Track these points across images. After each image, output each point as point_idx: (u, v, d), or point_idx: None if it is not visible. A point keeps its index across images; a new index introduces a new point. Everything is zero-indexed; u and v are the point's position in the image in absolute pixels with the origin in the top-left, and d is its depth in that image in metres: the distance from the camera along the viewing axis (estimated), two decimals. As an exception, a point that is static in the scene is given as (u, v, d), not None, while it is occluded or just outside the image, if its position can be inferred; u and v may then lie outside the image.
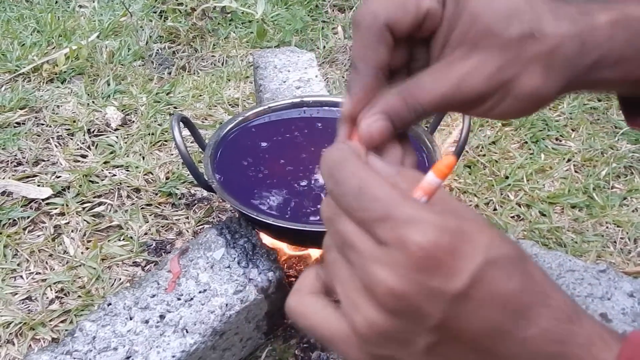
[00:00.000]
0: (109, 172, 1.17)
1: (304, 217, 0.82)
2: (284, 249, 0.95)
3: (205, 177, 0.85)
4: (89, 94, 1.40)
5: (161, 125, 1.31)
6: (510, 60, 0.37)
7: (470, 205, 1.10)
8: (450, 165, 0.32)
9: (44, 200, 1.10)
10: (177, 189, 1.13)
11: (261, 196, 0.85)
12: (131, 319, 0.74)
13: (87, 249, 1.01)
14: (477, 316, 0.30)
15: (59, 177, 1.16)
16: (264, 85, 1.22)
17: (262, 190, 0.86)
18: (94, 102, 1.38)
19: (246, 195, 0.84)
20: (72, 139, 1.27)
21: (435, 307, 0.30)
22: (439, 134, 1.26)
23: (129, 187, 1.13)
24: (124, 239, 1.02)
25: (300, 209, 0.83)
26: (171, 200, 1.11)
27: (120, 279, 0.95)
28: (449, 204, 0.33)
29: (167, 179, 1.16)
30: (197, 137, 0.94)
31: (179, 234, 1.04)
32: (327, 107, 1.00)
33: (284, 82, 1.22)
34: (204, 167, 0.87)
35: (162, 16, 1.75)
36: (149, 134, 1.27)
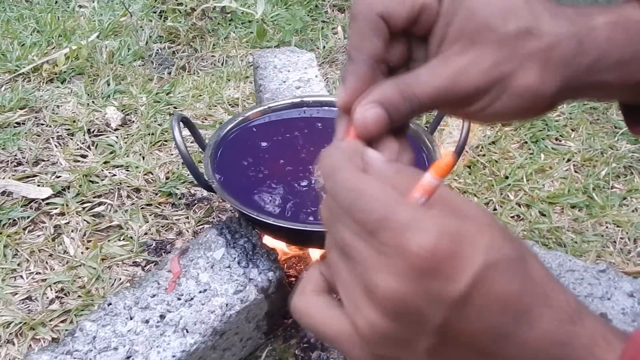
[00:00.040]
0: (109, 172, 1.17)
1: (304, 217, 0.82)
2: (284, 248, 0.95)
3: (205, 177, 0.85)
4: (88, 94, 1.40)
5: (161, 125, 1.31)
6: (506, 56, 0.37)
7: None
8: (449, 164, 0.32)
9: (44, 200, 1.10)
10: (177, 189, 1.13)
11: (261, 196, 0.85)
12: (131, 319, 0.74)
13: (87, 249, 1.01)
14: (478, 319, 0.30)
15: (59, 177, 1.16)
16: (264, 85, 1.22)
17: (262, 190, 0.86)
18: (94, 102, 1.38)
19: (246, 195, 0.84)
20: (72, 139, 1.27)
21: (435, 311, 0.30)
22: (439, 134, 1.26)
23: (129, 187, 1.13)
24: (124, 239, 1.02)
25: (300, 209, 0.83)
26: (171, 200, 1.11)
27: (120, 279, 0.95)
28: (450, 203, 0.33)
29: (167, 179, 1.16)
30: (197, 137, 0.94)
31: (179, 234, 1.04)
32: (327, 107, 1.01)
33: (284, 82, 1.22)
34: (204, 167, 0.87)
35: (162, 16, 1.75)
36: (149, 134, 1.27)
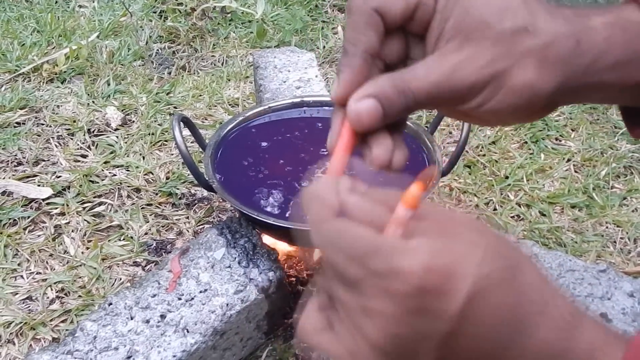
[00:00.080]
0: (109, 172, 1.17)
1: (304, 216, 0.82)
2: (284, 248, 0.95)
3: (205, 177, 0.85)
4: (89, 94, 1.40)
5: (161, 125, 1.31)
6: (503, 52, 0.37)
7: (470, 205, 1.10)
8: (417, 195, 0.33)
9: (44, 200, 1.10)
10: (178, 189, 1.13)
11: (261, 196, 0.85)
12: (132, 319, 0.74)
13: (88, 248, 1.01)
14: (476, 333, 0.31)
15: (59, 177, 1.16)
16: (264, 85, 1.22)
17: (263, 190, 0.86)
18: (94, 102, 1.38)
19: (246, 195, 0.85)
20: (72, 139, 1.27)
21: (433, 329, 0.31)
22: (439, 134, 1.26)
23: (129, 187, 1.13)
24: (124, 239, 1.02)
25: (300, 209, 0.83)
26: (171, 200, 1.11)
27: (120, 279, 0.95)
28: (438, 222, 0.34)
29: (168, 178, 1.16)
30: (198, 137, 0.94)
31: (180, 233, 1.04)
32: (327, 107, 1.01)
33: (284, 82, 1.22)
34: (204, 167, 0.87)
35: (162, 16, 1.75)
36: (149, 134, 1.27)
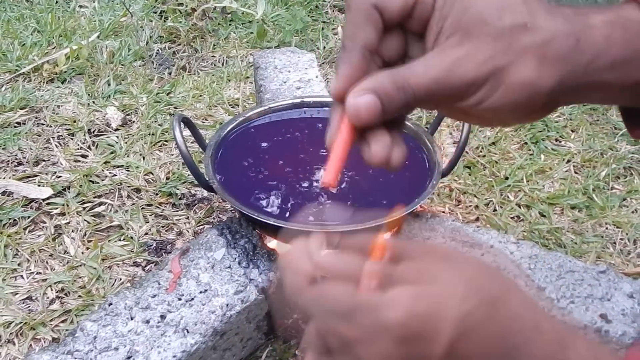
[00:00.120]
0: (110, 172, 1.17)
1: (304, 217, 0.82)
2: (284, 248, 0.95)
3: (205, 177, 0.85)
4: (89, 94, 1.41)
5: (161, 125, 1.31)
6: (502, 49, 0.37)
7: (469, 206, 1.10)
8: (383, 245, 0.35)
9: (44, 200, 1.10)
10: (178, 189, 1.13)
11: (262, 196, 0.85)
12: (132, 319, 0.74)
13: (88, 249, 1.01)
14: None
15: (60, 177, 1.16)
16: (265, 85, 1.22)
17: (263, 190, 0.86)
18: (94, 102, 1.38)
19: (247, 195, 0.85)
20: (72, 139, 1.27)
21: None
22: (439, 134, 1.27)
23: (129, 187, 1.13)
24: (124, 239, 1.02)
25: (300, 209, 0.83)
26: (171, 200, 1.11)
27: (120, 279, 0.95)
28: (413, 263, 0.35)
29: (168, 179, 1.16)
30: (198, 138, 0.95)
31: (180, 234, 1.04)
32: (327, 108, 1.01)
33: (285, 82, 1.22)
34: (204, 167, 0.87)
35: (163, 16, 1.75)
36: (150, 134, 1.27)
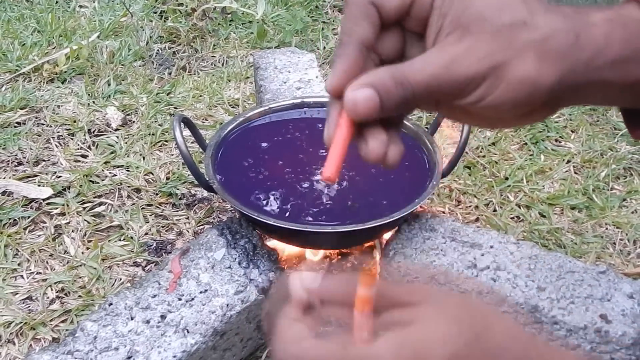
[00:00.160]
0: (110, 172, 1.17)
1: (304, 217, 0.82)
2: (284, 249, 0.95)
3: (206, 178, 0.86)
4: (89, 94, 1.41)
5: (162, 125, 1.31)
6: (501, 46, 0.37)
7: (469, 206, 1.10)
8: (366, 297, 0.36)
9: (44, 200, 1.10)
10: (178, 189, 1.13)
11: (262, 196, 0.85)
12: (132, 319, 0.74)
13: (88, 249, 1.01)
14: None
15: (60, 177, 1.16)
16: (265, 85, 1.22)
17: (263, 190, 0.86)
18: (94, 102, 1.38)
19: (247, 195, 0.85)
20: (72, 139, 1.27)
21: None
22: (439, 134, 1.26)
23: (129, 187, 1.14)
24: (124, 239, 1.02)
25: (300, 210, 0.83)
26: (172, 200, 1.11)
27: (120, 279, 0.95)
28: (397, 309, 0.36)
29: (168, 179, 1.16)
30: (198, 138, 0.95)
31: (180, 234, 1.04)
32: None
33: (285, 82, 1.22)
34: (204, 168, 0.87)
35: (163, 16, 1.75)
36: (150, 134, 1.27)
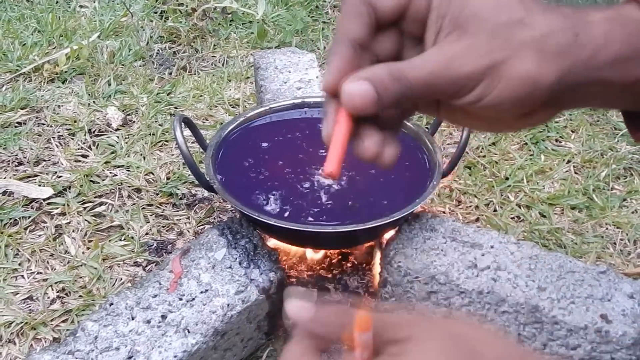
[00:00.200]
0: (110, 172, 1.17)
1: (304, 217, 0.82)
2: (285, 249, 0.95)
3: (206, 178, 0.86)
4: (89, 94, 1.41)
5: (162, 125, 1.31)
6: (500, 44, 0.38)
7: (470, 206, 1.10)
8: (365, 341, 0.36)
9: (45, 200, 1.10)
10: (178, 189, 1.13)
11: (262, 196, 0.85)
12: (133, 319, 0.74)
13: (88, 248, 1.01)
14: None
15: (60, 177, 1.16)
16: (265, 85, 1.22)
17: (263, 190, 0.86)
18: (94, 102, 1.38)
19: (247, 195, 0.85)
20: (73, 139, 1.27)
21: None
22: (439, 134, 1.27)
23: (129, 187, 1.14)
24: (125, 239, 1.03)
25: (301, 210, 0.83)
26: (172, 200, 1.11)
27: (121, 279, 0.95)
28: (391, 344, 0.37)
29: (168, 179, 1.16)
30: (199, 138, 0.95)
31: (180, 234, 1.05)
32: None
33: (285, 82, 1.22)
34: (205, 168, 0.87)
35: (163, 16, 1.75)
36: (150, 134, 1.27)
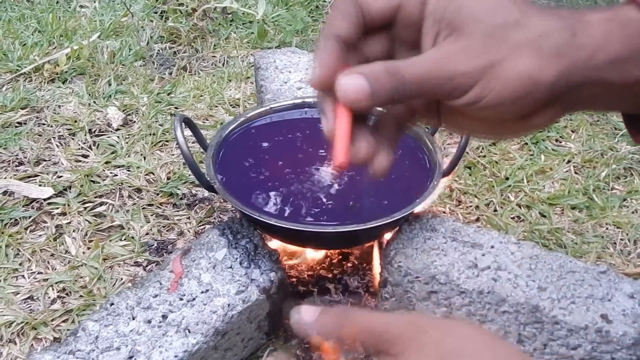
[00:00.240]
0: (111, 172, 1.18)
1: (305, 217, 0.82)
2: (285, 249, 0.95)
3: (207, 178, 0.86)
4: (90, 94, 1.41)
5: (162, 125, 1.31)
6: (495, 44, 0.38)
7: (470, 206, 1.10)
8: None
9: (45, 200, 1.10)
10: (179, 189, 1.13)
11: (263, 197, 0.85)
12: (134, 319, 0.74)
13: (89, 248, 1.01)
14: None
15: (61, 177, 1.16)
16: (265, 86, 1.22)
17: (264, 190, 0.86)
18: (95, 102, 1.39)
19: (248, 195, 0.85)
20: (73, 139, 1.27)
21: None
22: (439, 134, 1.27)
23: (130, 187, 1.14)
24: (125, 239, 1.03)
25: (301, 209, 0.83)
26: (172, 200, 1.11)
27: (121, 279, 0.95)
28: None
29: (169, 179, 1.16)
30: (199, 138, 0.95)
31: (181, 234, 1.05)
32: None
33: (285, 82, 1.22)
34: (205, 168, 0.87)
35: (163, 16, 1.75)
36: (150, 134, 1.27)
